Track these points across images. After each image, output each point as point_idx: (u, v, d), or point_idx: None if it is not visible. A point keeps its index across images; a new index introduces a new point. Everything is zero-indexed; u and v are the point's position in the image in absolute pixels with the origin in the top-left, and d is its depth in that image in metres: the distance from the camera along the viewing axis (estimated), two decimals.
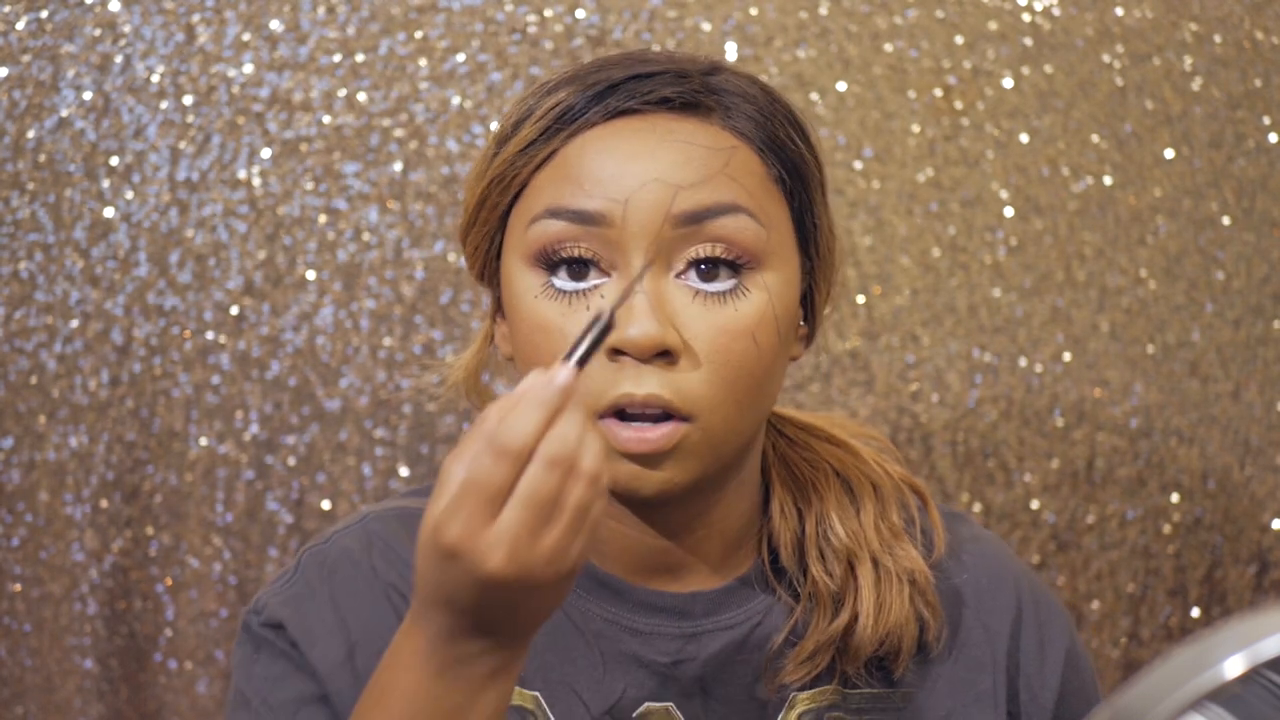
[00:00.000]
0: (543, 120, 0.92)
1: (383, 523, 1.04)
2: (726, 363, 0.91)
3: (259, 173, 1.45)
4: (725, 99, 0.94)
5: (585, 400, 0.90)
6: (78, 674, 1.48)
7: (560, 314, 0.91)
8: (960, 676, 1.03)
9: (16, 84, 1.43)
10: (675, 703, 0.99)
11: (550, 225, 0.91)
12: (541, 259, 0.92)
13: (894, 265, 1.46)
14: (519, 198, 0.94)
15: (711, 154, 0.91)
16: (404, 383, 1.46)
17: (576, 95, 0.92)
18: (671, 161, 0.91)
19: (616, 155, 0.91)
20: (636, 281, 0.89)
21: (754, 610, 1.01)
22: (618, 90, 0.92)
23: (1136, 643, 1.49)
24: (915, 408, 1.48)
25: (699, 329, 0.91)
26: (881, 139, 1.46)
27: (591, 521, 0.77)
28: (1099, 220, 1.47)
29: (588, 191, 0.90)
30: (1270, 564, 1.49)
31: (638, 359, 0.90)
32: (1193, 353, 1.47)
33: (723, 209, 0.91)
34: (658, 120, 0.92)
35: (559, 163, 0.92)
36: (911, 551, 1.03)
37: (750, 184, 0.92)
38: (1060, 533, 1.49)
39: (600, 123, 0.92)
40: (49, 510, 1.46)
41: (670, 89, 0.92)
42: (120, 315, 1.45)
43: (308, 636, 0.99)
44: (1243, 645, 0.63)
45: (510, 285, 0.94)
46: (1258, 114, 1.46)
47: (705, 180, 0.91)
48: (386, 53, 1.44)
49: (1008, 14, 1.45)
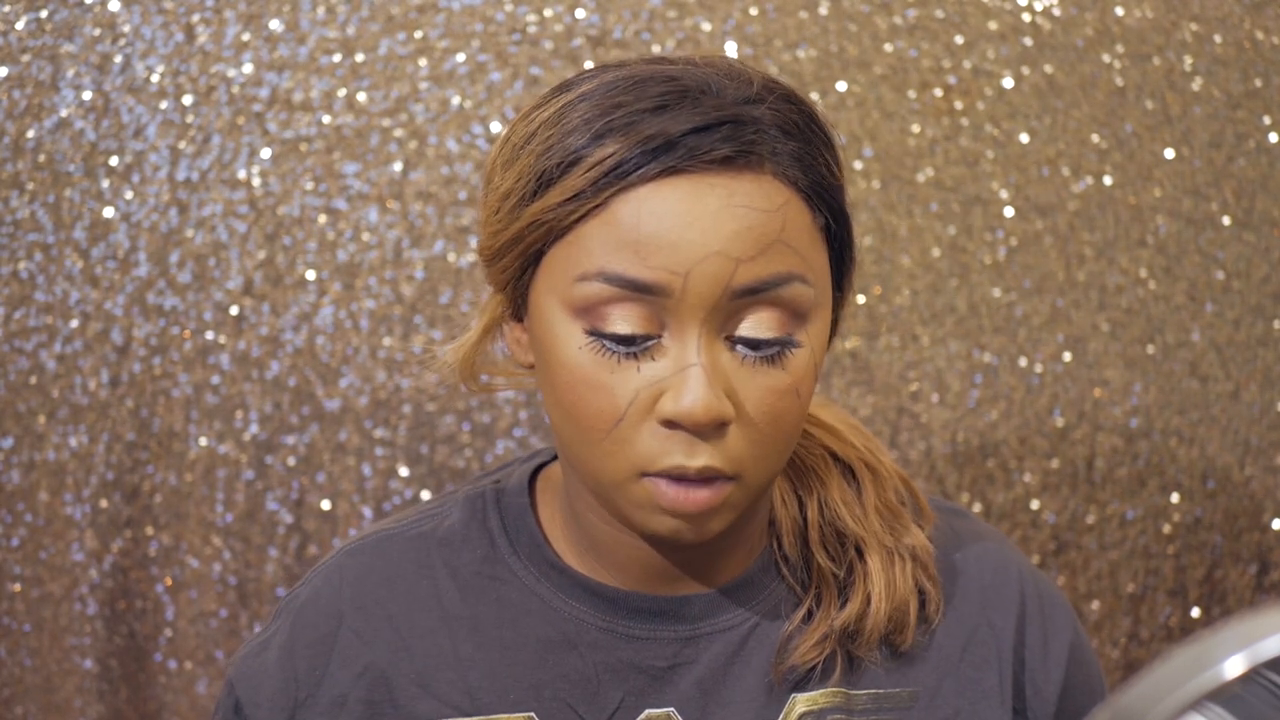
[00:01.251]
0: (592, 172, 0.89)
1: (355, 557, 1.04)
2: (773, 422, 0.91)
3: (259, 173, 1.44)
4: (773, 141, 0.90)
5: (633, 460, 0.90)
6: (78, 674, 1.48)
7: (610, 371, 0.89)
8: (966, 675, 1.03)
9: (16, 84, 1.43)
10: (676, 708, 0.99)
11: (601, 289, 0.88)
12: (587, 317, 0.90)
13: (894, 265, 1.46)
14: (559, 241, 0.91)
15: (768, 218, 0.89)
16: (404, 383, 1.46)
17: (632, 148, 0.88)
18: (731, 231, 0.88)
19: (675, 220, 0.88)
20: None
21: (753, 611, 1.01)
22: (676, 148, 0.88)
23: (1137, 643, 1.49)
24: (915, 408, 1.48)
25: (748, 392, 0.90)
26: (881, 139, 1.46)
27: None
28: (1099, 220, 1.46)
29: (644, 260, 0.87)
30: (1270, 564, 1.49)
31: (693, 431, 0.89)
32: (1193, 353, 1.47)
33: (779, 280, 0.89)
34: (715, 179, 0.88)
35: (609, 219, 0.88)
36: (911, 527, 1.04)
37: (802, 244, 0.91)
38: (1060, 533, 1.49)
39: (655, 179, 0.88)
40: (49, 510, 1.46)
41: (729, 146, 0.88)
42: (120, 315, 1.45)
43: (253, 698, 1.01)
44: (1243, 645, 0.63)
45: (546, 323, 0.92)
46: (1258, 114, 1.46)
47: (763, 251, 0.89)
48: (386, 53, 1.44)
49: (1008, 14, 1.45)
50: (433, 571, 1.02)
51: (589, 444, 0.91)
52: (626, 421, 0.89)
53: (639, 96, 0.90)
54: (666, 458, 0.89)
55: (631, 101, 0.90)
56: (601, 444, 0.90)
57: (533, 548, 1.02)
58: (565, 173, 0.90)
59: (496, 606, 1.01)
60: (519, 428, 1.48)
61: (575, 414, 0.91)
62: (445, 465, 1.47)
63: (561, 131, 0.91)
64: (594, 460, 0.92)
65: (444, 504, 1.06)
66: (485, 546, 1.02)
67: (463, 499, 1.05)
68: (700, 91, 0.90)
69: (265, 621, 1.06)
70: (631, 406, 0.89)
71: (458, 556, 1.02)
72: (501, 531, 1.03)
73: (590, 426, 0.90)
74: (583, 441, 0.91)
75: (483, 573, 1.02)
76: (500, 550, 1.02)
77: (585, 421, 0.90)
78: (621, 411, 0.89)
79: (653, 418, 0.89)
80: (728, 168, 0.89)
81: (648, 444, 0.90)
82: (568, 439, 0.93)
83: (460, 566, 1.02)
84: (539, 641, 1.00)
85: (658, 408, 0.89)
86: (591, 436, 0.91)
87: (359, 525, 1.47)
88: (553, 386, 0.92)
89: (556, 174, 0.90)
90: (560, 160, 0.90)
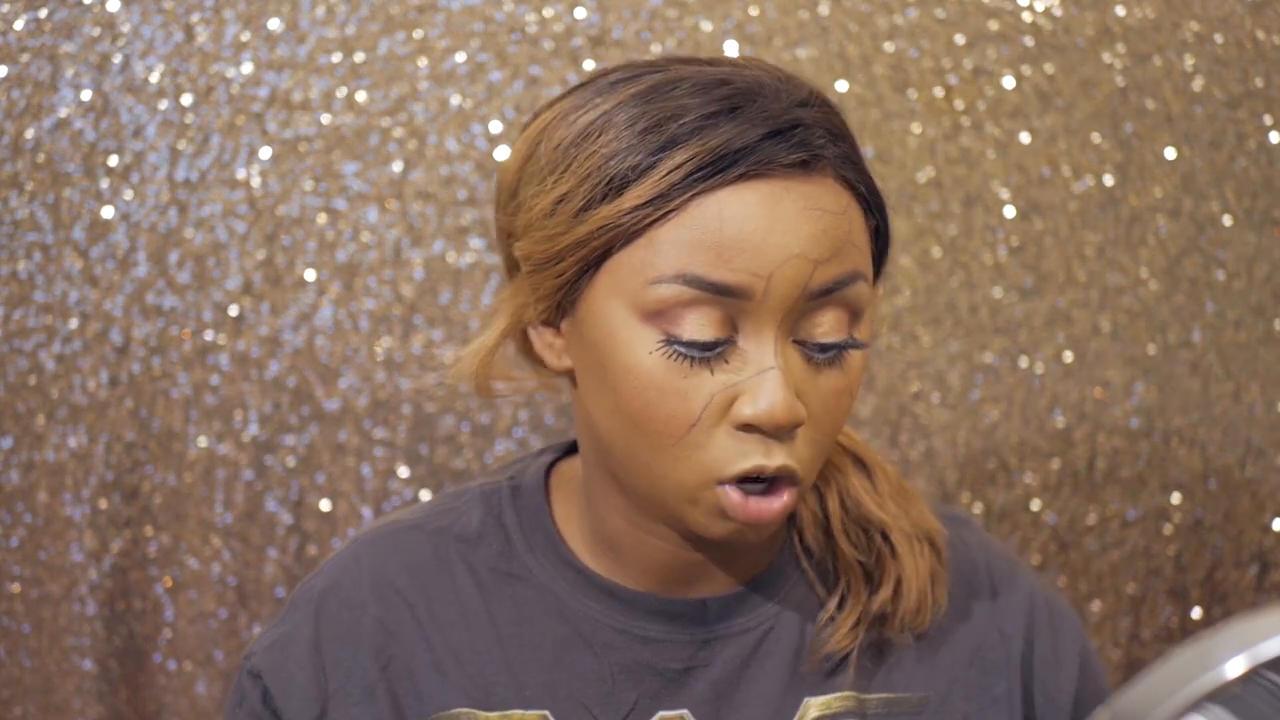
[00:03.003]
0: (668, 178, 0.89)
1: (374, 546, 1.04)
2: (832, 421, 0.92)
3: (258, 173, 1.44)
4: (829, 143, 0.92)
5: (707, 466, 0.90)
6: (77, 674, 1.47)
7: (683, 376, 0.89)
8: (976, 681, 1.04)
9: (15, 83, 1.43)
10: (690, 710, 1.00)
11: (680, 291, 0.88)
12: (661, 320, 0.89)
13: (894, 265, 1.46)
14: (630, 243, 0.90)
15: (839, 220, 0.90)
16: (404, 383, 1.46)
17: (707, 156, 0.88)
18: (810, 234, 0.89)
19: (756, 225, 0.88)
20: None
21: (767, 614, 1.02)
22: (751, 155, 0.89)
23: (1137, 643, 1.49)
24: (915, 408, 1.48)
25: (813, 394, 0.91)
26: (881, 139, 1.45)
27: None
28: (1099, 220, 1.46)
29: (728, 263, 0.88)
30: (1271, 564, 1.48)
31: (769, 434, 0.90)
32: (1193, 353, 1.47)
33: (849, 279, 0.91)
34: (790, 183, 0.89)
35: (689, 222, 0.88)
36: (925, 512, 1.06)
37: (863, 244, 0.93)
38: (1061, 533, 1.49)
39: (735, 182, 0.88)
40: (48, 510, 1.46)
41: (803, 151, 0.89)
42: (119, 315, 1.45)
43: (284, 688, 1.01)
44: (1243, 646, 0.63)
45: (606, 328, 0.91)
46: (1258, 114, 1.46)
47: (837, 252, 0.90)
48: (386, 53, 1.44)
49: (1008, 14, 1.45)
50: (450, 566, 1.02)
51: (658, 450, 0.90)
52: (700, 426, 0.89)
53: (701, 100, 0.91)
54: (744, 459, 0.89)
55: (696, 105, 0.90)
56: (672, 450, 0.90)
57: (549, 546, 1.02)
58: (640, 177, 0.89)
59: (513, 604, 1.01)
60: (519, 428, 1.48)
61: (644, 420, 0.90)
62: (445, 465, 1.47)
63: (627, 136, 0.91)
64: (662, 465, 0.91)
65: (460, 499, 1.06)
66: (501, 543, 1.03)
67: (479, 495, 1.05)
68: (756, 94, 0.91)
69: (270, 619, 1.06)
70: (706, 411, 0.89)
71: (475, 553, 1.03)
72: (518, 528, 1.03)
73: (662, 433, 0.90)
74: (652, 449, 0.90)
75: (499, 569, 1.02)
76: (516, 548, 1.02)
77: (656, 427, 0.90)
78: (696, 416, 0.89)
79: (726, 422, 0.89)
80: (799, 171, 0.90)
81: (723, 448, 0.89)
82: (628, 445, 0.92)
83: (477, 563, 1.02)
84: (555, 640, 1.00)
85: (733, 412, 0.89)
86: (663, 443, 0.90)
87: (359, 525, 1.47)
88: (615, 393, 0.91)
89: (631, 177, 0.90)
90: (633, 165, 0.90)
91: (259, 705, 1.01)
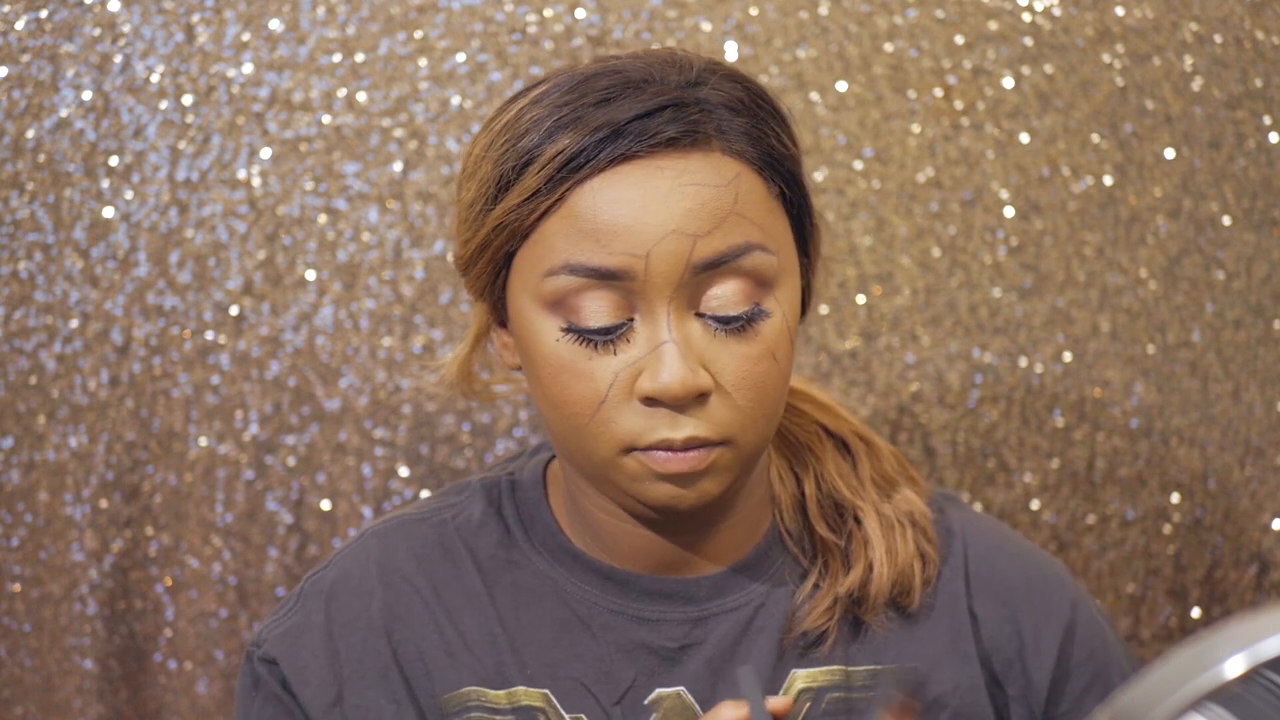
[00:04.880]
0: (547, 169, 0.92)
1: (382, 538, 1.07)
2: (753, 386, 0.94)
3: (259, 173, 1.44)
4: (719, 118, 0.94)
5: (619, 439, 0.93)
6: (78, 674, 1.47)
7: (587, 358, 0.93)
8: (961, 653, 1.06)
9: (16, 84, 1.43)
10: (686, 686, 1.02)
11: (569, 281, 0.92)
12: (560, 310, 0.93)
13: (894, 265, 1.46)
14: (525, 241, 0.94)
15: (720, 193, 0.92)
16: (404, 383, 1.46)
17: (582, 141, 0.92)
18: (686, 209, 0.91)
19: (630, 206, 0.91)
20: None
21: (758, 591, 1.04)
22: (623, 135, 0.92)
23: (1137, 643, 1.49)
24: (915, 408, 1.48)
25: (725, 362, 0.93)
26: (881, 139, 1.46)
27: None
28: (1099, 220, 1.46)
29: (605, 247, 0.91)
30: (1270, 564, 1.49)
31: (673, 407, 0.92)
32: (1193, 353, 1.47)
33: (738, 251, 0.92)
34: (665, 161, 0.92)
35: (568, 212, 0.92)
36: (908, 493, 1.08)
37: (757, 214, 0.94)
38: (1060, 533, 1.49)
39: (607, 168, 0.92)
40: (49, 510, 1.46)
41: (674, 128, 0.92)
42: (120, 315, 1.45)
43: (300, 675, 1.03)
44: (1243, 645, 0.63)
45: (524, 321, 0.96)
46: (1258, 114, 1.46)
47: (719, 225, 0.92)
48: (386, 53, 1.44)
49: (1008, 14, 1.45)
50: (455, 554, 1.05)
51: (576, 430, 0.94)
52: (609, 403, 0.92)
53: (585, 92, 0.94)
54: (651, 433, 0.93)
55: (578, 98, 0.94)
56: (587, 428, 0.94)
57: (547, 535, 1.05)
58: (521, 173, 0.93)
59: (513, 589, 1.04)
60: (519, 428, 1.48)
61: (560, 402, 0.94)
62: (445, 465, 1.47)
63: (515, 135, 0.95)
64: (583, 444, 0.95)
65: (462, 493, 1.10)
66: (501, 533, 1.06)
67: (480, 489, 1.09)
68: (643, 81, 0.94)
69: (269, 618, 1.07)
70: (612, 389, 0.92)
71: (477, 541, 1.06)
72: (516, 519, 1.06)
73: (575, 413, 0.94)
74: (570, 429, 0.95)
75: (499, 557, 1.05)
76: (515, 537, 1.06)
77: (570, 408, 0.94)
78: (603, 394, 0.92)
79: (634, 397, 0.92)
80: (675, 148, 0.92)
81: (632, 422, 0.93)
82: (557, 429, 0.97)
83: (479, 550, 1.05)
84: (553, 622, 1.03)
85: (637, 386, 0.92)
86: (577, 422, 0.94)
87: (359, 525, 1.47)
88: (538, 380, 0.96)
89: (513, 176, 0.94)
90: (515, 162, 0.94)
91: (279, 689, 1.04)
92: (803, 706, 1.02)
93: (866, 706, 1.03)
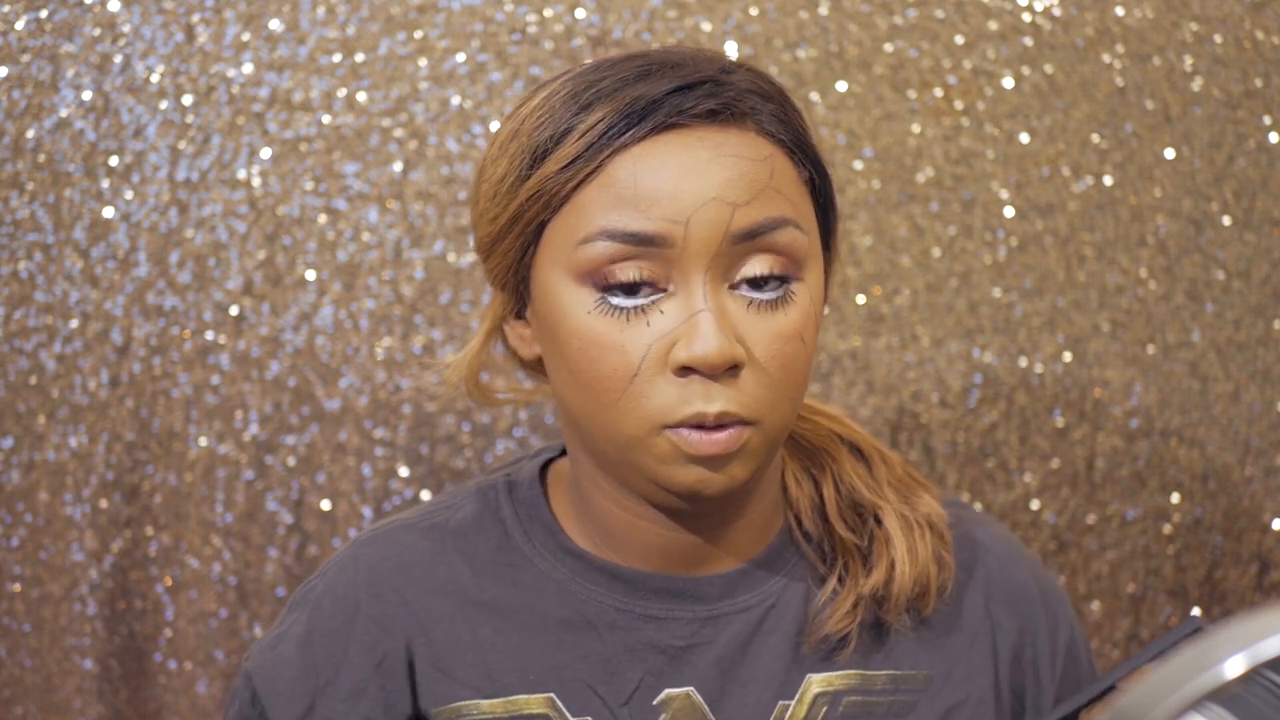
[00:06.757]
0: (585, 138, 0.92)
1: (369, 546, 1.06)
2: (782, 366, 0.93)
3: (259, 173, 1.44)
4: (752, 102, 0.95)
5: (651, 414, 0.92)
6: (78, 674, 1.47)
7: (619, 330, 0.92)
8: (975, 662, 1.06)
9: (16, 84, 1.43)
10: (695, 687, 1.01)
11: (606, 247, 0.91)
12: (594, 278, 0.92)
13: (894, 265, 1.46)
14: (558, 212, 0.94)
15: (758, 166, 0.93)
16: (404, 383, 1.46)
17: (620, 113, 0.92)
18: (725, 179, 0.91)
19: (669, 174, 0.91)
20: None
21: (769, 591, 1.03)
22: (661, 106, 0.92)
23: (1137, 643, 1.49)
24: (915, 408, 1.48)
25: (756, 337, 0.93)
26: (881, 139, 1.46)
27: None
28: (1099, 220, 1.46)
29: (644, 213, 0.91)
30: (1270, 564, 1.49)
31: (708, 376, 0.91)
32: (1193, 353, 1.47)
33: (774, 224, 0.92)
34: (703, 134, 0.93)
35: (606, 181, 0.92)
36: (925, 497, 1.08)
37: (791, 192, 0.94)
38: (1060, 533, 1.49)
39: (645, 138, 0.92)
40: (49, 510, 1.46)
41: (713, 101, 0.93)
42: (120, 315, 1.45)
43: (271, 686, 1.02)
44: (1243, 645, 0.63)
45: (551, 298, 0.95)
46: (1258, 114, 1.46)
47: (757, 196, 0.92)
48: (386, 53, 1.44)
49: (1008, 14, 1.45)
50: (448, 559, 1.04)
51: (606, 406, 0.93)
52: (641, 376, 0.91)
53: (621, 71, 0.95)
54: (685, 406, 0.91)
55: (615, 74, 0.95)
56: (618, 403, 0.92)
57: (547, 535, 1.04)
58: (559, 143, 0.93)
59: (514, 590, 1.02)
60: (519, 428, 1.48)
61: (590, 378, 0.93)
62: (445, 465, 1.47)
63: (549, 109, 0.95)
64: (613, 421, 0.93)
65: (455, 497, 1.08)
66: (499, 536, 1.05)
67: (474, 492, 1.07)
68: (678, 63, 0.95)
69: (270, 619, 1.07)
70: (645, 361, 0.91)
71: (472, 545, 1.04)
72: (515, 521, 1.05)
73: (606, 388, 0.92)
74: (600, 405, 0.93)
75: (498, 560, 1.04)
76: (514, 539, 1.04)
77: (600, 384, 0.92)
78: (635, 367, 0.91)
79: (667, 369, 0.91)
80: (713, 122, 0.93)
81: (665, 395, 0.92)
82: (582, 411, 0.95)
83: (475, 554, 1.04)
84: (558, 624, 1.01)
85: (671, 357, 0.91)
86: (609, 398, 0.92)
87: (359, 525, 1.47)
88: (565, 359, 0.94)
89: (550, 145, 0.94)
90: (552, 133, 0.94)
91: (248, 708, 1.03)
92: (819, 710, 1.01)
93: (887, 711, 1.02)
